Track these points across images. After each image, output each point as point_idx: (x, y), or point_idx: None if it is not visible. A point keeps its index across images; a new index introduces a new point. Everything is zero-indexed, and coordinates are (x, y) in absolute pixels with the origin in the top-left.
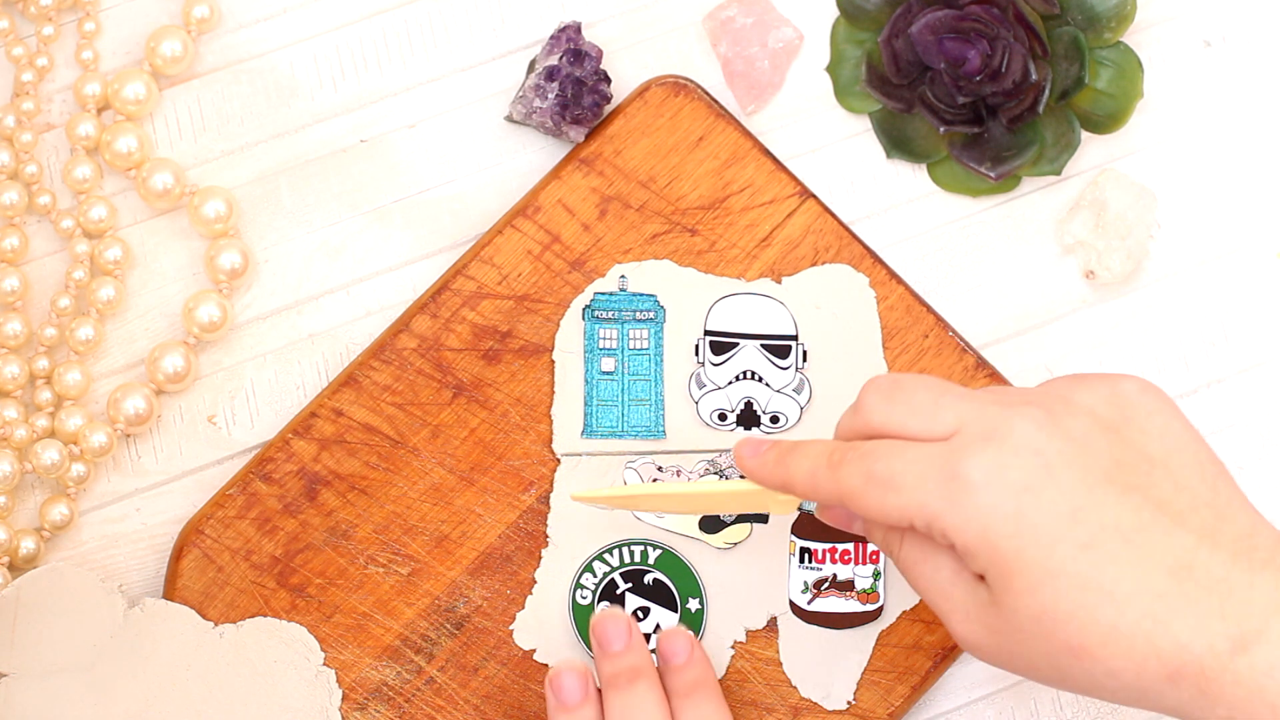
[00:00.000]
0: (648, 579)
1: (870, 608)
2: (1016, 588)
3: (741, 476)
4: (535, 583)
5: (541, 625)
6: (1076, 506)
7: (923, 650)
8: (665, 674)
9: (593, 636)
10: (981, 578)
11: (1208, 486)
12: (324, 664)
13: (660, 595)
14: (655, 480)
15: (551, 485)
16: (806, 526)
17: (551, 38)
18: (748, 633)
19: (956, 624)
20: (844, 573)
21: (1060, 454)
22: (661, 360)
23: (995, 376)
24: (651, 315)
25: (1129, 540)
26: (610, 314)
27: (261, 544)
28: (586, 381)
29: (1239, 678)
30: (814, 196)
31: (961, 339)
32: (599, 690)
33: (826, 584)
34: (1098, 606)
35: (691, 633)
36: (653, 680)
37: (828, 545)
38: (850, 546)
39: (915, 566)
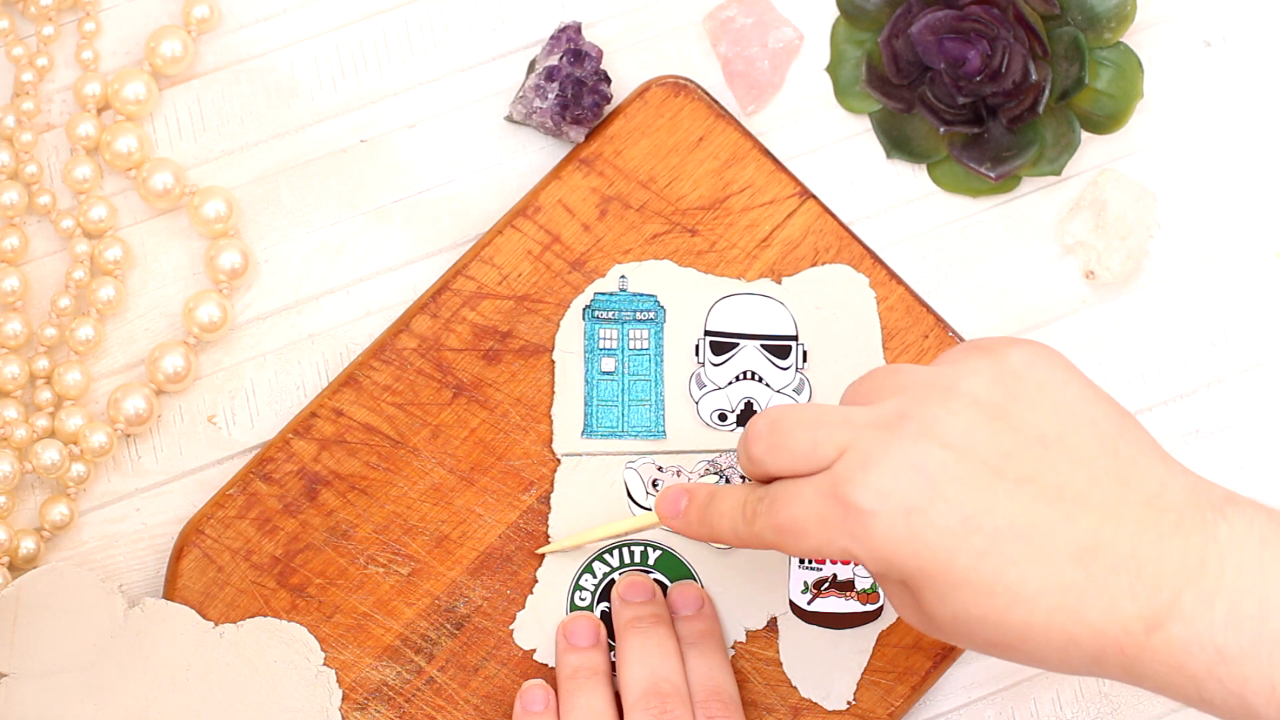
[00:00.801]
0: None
1: (870, 608)
2: (928, 600)
3: (743, 478)
4: (536, 582)
5: (541, 625)
6: (966, 516)
7: (923, 650)
8: (676, 623)
9: (615, 594)
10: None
11: (1108, 453)
12: (324, 664)
13: None
14: (655, 481)
15: (552, 485)
16: None
17: (551, 38)
18: (748, 633)
19: (900, 614)
20: (844, 573)
21: (941, 465)
22: (662, 360)
23: None
24: (652, 315)
25: (1026, 538)
26: (610, 314)
27: (261, 544)
28: (587, 381)
29: (1157, 655)
30: (814, 197)
31: (961, 339)
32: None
33: (826, 584)
34: (1007, 609)
35: (703, 589)
36: (671, 630)
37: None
38: None
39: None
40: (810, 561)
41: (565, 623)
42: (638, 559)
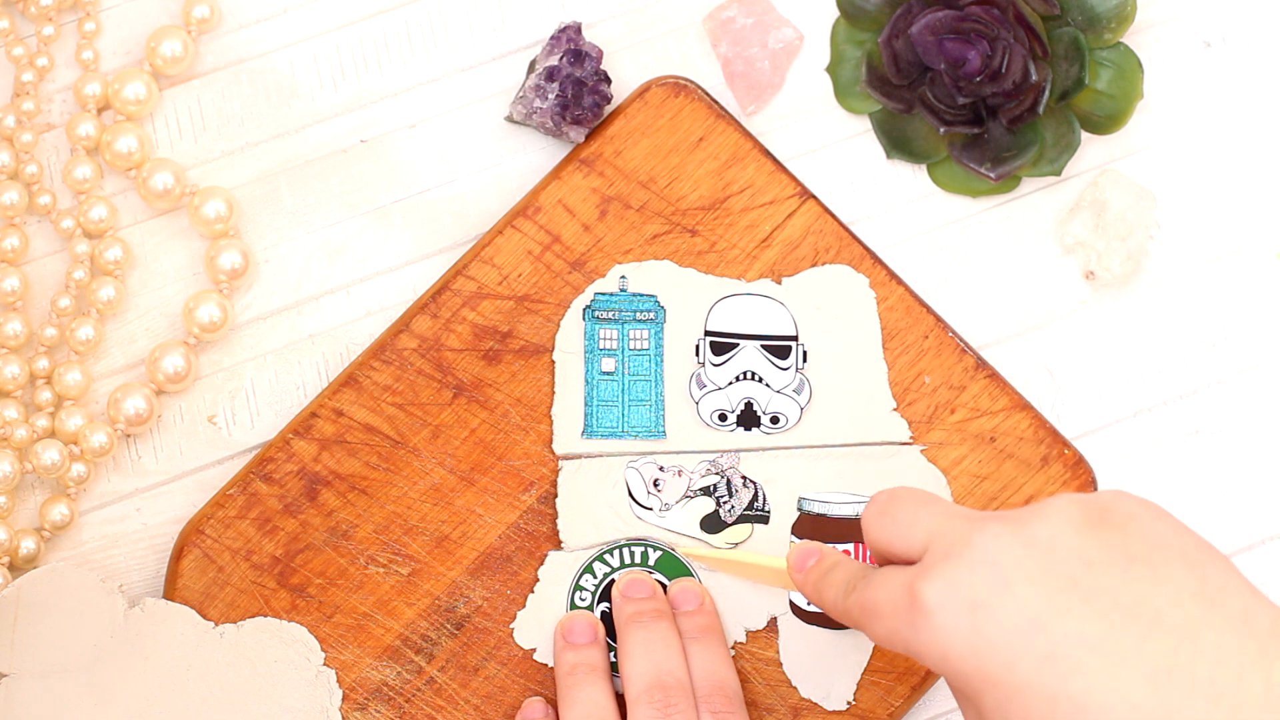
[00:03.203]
0: None
1: None
2: (988, 705)
3: (744, 478)
4: (536, 581)
5: (542, 625)
6: (1035, 616)
7: None
8: (678, 618)
9: (616, 590)
10: None
11: (1195, 575)
12: (324, 664)
13: None
14: (656, 480)
15: (553, 486)
16: (806, 527)
17: (552, 38)
18: (748, 633)
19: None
20: None
21: (1018, 562)
22: (662, 361)
23: (995, 377)
24: (652, 316)
25: (1096, 649)
26: (611, 314)
27: (262, 544)
28: (587, 382)
29: None
30: (814, 197)
31: (961, 339)
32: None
33: None
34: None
35: (704, 587)
36: (674, 624)
37: (827, 546)
38: (850, 547)
39: None
40: None
41: (563, 621)
42: (638, 559)
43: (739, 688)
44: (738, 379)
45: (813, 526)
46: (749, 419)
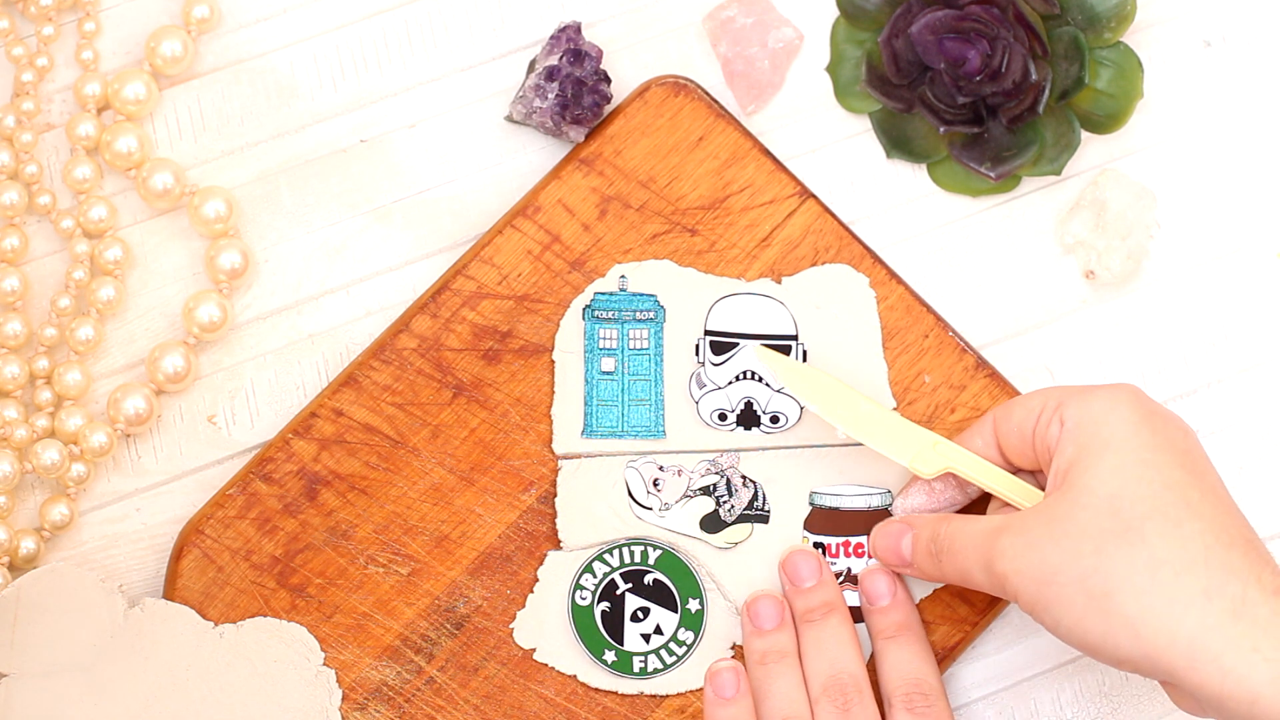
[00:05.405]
0: (648, 579)
1: None
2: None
3: (744, 478)
4: (538, 580)
5: (541, 625)
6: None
7: None
8: (869, 615)
9: (782, 572)
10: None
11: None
12: (324, 664)
13: (660, 596)
14: (656, 480)
15: (553, 486)
16: (819, 521)
17: (551, 38)
18: None
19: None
20: (857, 566)
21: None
22: (661, 360)
23: (995, 376)
24: (651, 315)
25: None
26: (610, 314)
27: (261, 544)
28: (586, 381)
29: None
30: (814, 196)
31: (961, 339)
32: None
33: (841, 578)
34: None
35: (893, 572)
36: (845, 614)
37: (841, 539)
38: (863, 539)
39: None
40: (825, 556)
41: (748, 603)
42: (638, 558)
43: (938, 682)
44: (738, 378)
45: (826, 520)
46: (749, 418)
